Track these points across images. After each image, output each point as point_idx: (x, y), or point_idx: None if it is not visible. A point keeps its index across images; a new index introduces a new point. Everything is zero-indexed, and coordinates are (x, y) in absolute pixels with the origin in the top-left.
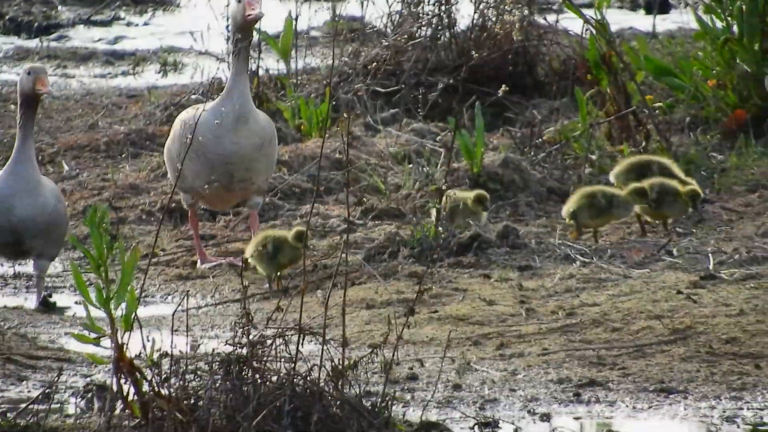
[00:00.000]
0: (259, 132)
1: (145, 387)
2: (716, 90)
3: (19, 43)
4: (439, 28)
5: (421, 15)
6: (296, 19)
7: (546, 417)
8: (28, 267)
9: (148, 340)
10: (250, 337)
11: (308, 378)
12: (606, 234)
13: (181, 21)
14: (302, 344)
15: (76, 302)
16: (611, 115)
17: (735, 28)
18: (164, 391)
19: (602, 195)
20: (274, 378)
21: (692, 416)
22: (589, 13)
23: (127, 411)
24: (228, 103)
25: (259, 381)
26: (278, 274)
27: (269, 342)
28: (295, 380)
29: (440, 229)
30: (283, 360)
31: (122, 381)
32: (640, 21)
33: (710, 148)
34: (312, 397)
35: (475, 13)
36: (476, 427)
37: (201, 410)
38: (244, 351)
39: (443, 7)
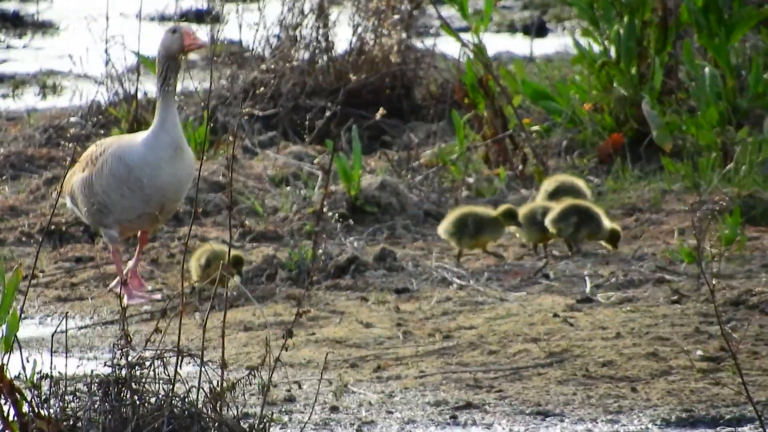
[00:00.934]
0: (191, 162)
1: (25, 408)
2: (593, 114)
3: None
4: (317, 51)
5: (299, 39)
6: None
7: None
8: None
9: (28, 362)
10: (129, 358)
11: (186, 399)
12: (483, 257)
13: (60, 44)
14: (181, 366)
15: None
16: (488, 138)
17: (612, 52)
18: (44, 412)
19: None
20: (153, 399)
21: None
22: (466, 36)
23: None
24: (164, 136)
25: (137, 402)
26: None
27: (148, 363)
28: (173, 402)
29: (318, 251)
30: (161, 381)
31: (2, 402)
32: (518, 45)
33: (587, 171)
34: (190, 419)
35: (353, 36)
36: None
37: (80, 431)
38: (123, 372)
39: (321, 31)
